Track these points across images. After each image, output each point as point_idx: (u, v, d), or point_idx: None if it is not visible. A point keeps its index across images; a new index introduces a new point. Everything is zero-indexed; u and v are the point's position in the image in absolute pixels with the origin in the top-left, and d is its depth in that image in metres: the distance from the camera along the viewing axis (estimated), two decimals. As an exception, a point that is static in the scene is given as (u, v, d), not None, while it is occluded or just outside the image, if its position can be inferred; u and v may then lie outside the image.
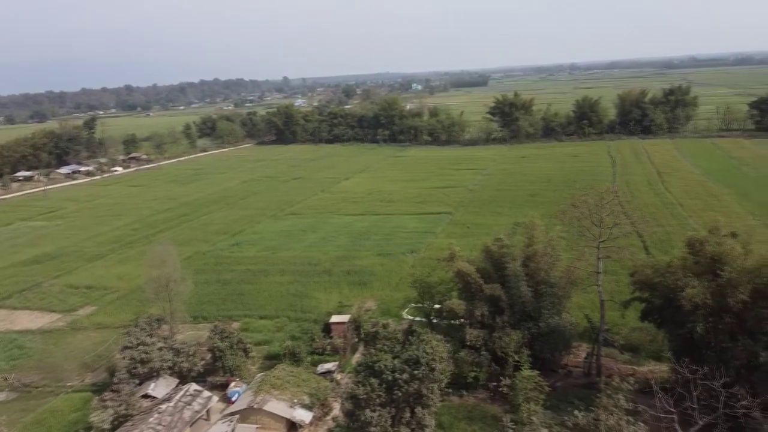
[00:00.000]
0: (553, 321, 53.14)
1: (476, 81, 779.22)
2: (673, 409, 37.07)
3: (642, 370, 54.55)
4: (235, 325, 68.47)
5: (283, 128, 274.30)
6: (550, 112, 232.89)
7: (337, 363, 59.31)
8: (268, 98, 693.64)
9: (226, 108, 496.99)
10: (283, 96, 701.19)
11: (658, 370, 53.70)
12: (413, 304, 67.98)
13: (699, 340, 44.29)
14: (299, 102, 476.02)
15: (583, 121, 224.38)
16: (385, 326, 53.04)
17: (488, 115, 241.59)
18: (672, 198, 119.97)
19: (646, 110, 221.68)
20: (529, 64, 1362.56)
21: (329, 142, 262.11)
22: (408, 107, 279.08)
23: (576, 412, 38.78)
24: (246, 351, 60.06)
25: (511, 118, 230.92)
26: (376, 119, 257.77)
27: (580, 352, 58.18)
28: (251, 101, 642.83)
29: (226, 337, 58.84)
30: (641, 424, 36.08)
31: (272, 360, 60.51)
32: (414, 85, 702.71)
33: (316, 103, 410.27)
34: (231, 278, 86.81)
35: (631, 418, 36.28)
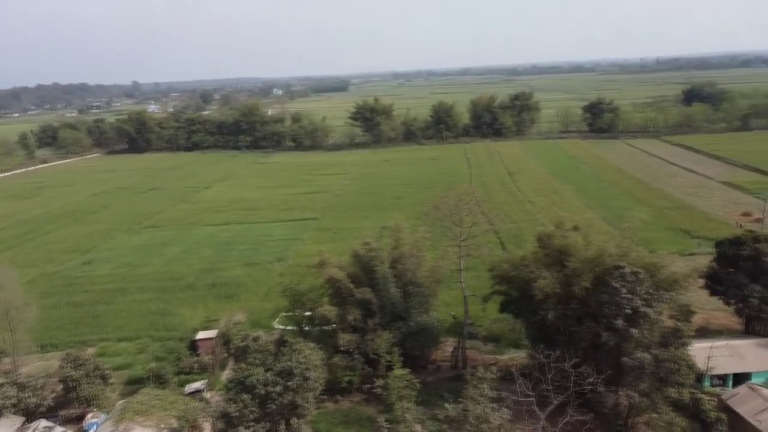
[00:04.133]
0: (421, 319, 55.04)
1: (337, 86, 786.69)
2: (531, 393, 39.94)
3: (504, 359, 58.28)
4: (91, 350, 63.12)
5: (135, 136, 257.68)
6: (410, 117, 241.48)
7: (206, 381, 57.02)
8: (117, 104, 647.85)
9: (69, 115, 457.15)
10: (134, 101, 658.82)
11: (518, 357, 57.51)
12: (284, 313, 67.07)
13: (551, 326, 48.13)
14: (152, 108, 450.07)
15: (441, 125, 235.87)
16: (255, 339, 51.69)
17: (350, 120, 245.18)
18: (522, 196, 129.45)
19: (496, 114, 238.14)
20: (387, 70, 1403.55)
21: (188, 149, 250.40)
22: (270, 113, 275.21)
23: (446, 405, 40.48)
24: (104, 378, 55.68)
25: (372, 123, 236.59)
26: (237, 125, 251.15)
27: (447, 346, 60.78)
28: (98, 107, 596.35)
29: (81, 364, 54.17)
30: (505, 409, 38.41)
31: (135, 384, 56.67)
32: (275, 90, 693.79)
33: (171, 109, 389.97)
34: (84, 300, 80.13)
35: (495, 405, 38.56)
